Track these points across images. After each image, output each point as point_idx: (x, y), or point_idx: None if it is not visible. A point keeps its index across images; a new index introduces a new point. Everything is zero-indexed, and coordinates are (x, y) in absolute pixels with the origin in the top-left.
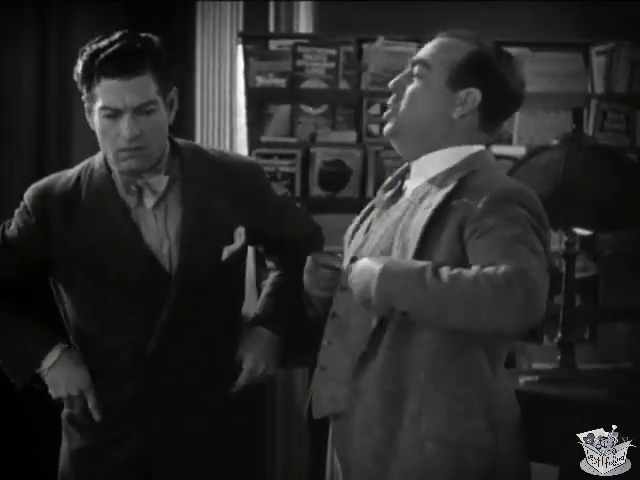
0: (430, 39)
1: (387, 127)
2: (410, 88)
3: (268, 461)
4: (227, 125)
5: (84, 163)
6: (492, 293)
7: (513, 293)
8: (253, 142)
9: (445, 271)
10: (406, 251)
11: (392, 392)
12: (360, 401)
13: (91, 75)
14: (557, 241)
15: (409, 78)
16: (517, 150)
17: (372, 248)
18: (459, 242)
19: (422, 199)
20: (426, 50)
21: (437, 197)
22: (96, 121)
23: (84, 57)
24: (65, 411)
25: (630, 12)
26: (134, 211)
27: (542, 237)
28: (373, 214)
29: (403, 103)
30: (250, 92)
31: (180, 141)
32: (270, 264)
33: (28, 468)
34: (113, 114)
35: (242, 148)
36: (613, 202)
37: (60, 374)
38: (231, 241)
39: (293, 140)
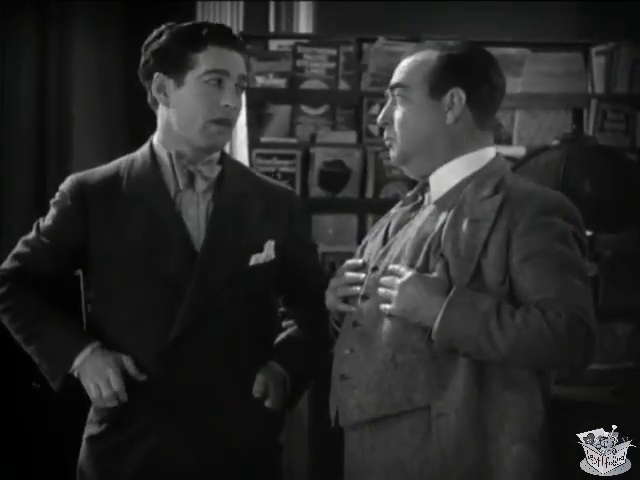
0: (430, 39)
1: (392, 155)
2: (397, 114)
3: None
4: None
5: (124, 156)
6: (557, 345)
7: (577, 343)
8: (253, 142)
9: (508, 320)
10: (447, 260)
11: (477, 407)
12: (445, 420)
13: (195, 41)
14: None
15: (394, 105)
16: (517, 150)
17: (395, 257)
18: (505, 254)
19: (457, 209)
20: (398, 73)
21: (483, 209)
22: (187, 92)
23: (185, 27)
24: (91, 410)
25: (630, 12)
26: (179, 196)
27: (584, 245)
28: (392, 226)
29: (397, 131)
30: (250, 92)
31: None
32: (283, 310)
33: (45, 466)
34: (219, 79)
35: (242, 148)
36: (613, 202)
37: (90, 372)
38: (260, 250)
39: (293, 140)
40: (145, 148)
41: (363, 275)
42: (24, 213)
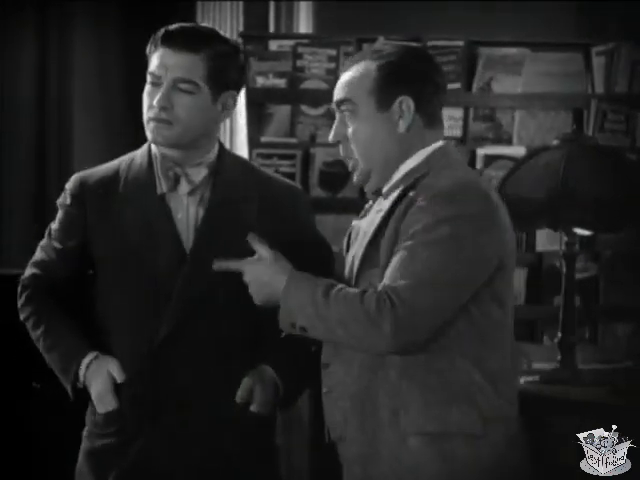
0: (430, 39)
1: (355, 179)
2: (350, 131)
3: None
4: (227, 125)
5: (127, 154)
6: (364, 319)
7: (382, 320)
8: (253, 142)
9: (334, 291)
10: (356, 256)
11: (364, 395)
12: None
13: (153, 44)
14: (557, 241)
15: (343, 123)
16: (517, 150)
17: (355, 269)
18: (392, 243)
19: (378, 205)
20: (340, 89)
21: (388, 201)
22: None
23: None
24: (88, 411)
25: (630, 12)
26: (168, 196)
27: (477, 239)
28: (352, 238)
29: (354, 149)
30: (250, 92)
31: (231, 152)
32: None
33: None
34: (155, 81)
35: (242, 148)
36: (613, 202)
37: (97, 370)
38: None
39: (293, 140)
40: (145, 147)
41: None
42: (24, 213)
